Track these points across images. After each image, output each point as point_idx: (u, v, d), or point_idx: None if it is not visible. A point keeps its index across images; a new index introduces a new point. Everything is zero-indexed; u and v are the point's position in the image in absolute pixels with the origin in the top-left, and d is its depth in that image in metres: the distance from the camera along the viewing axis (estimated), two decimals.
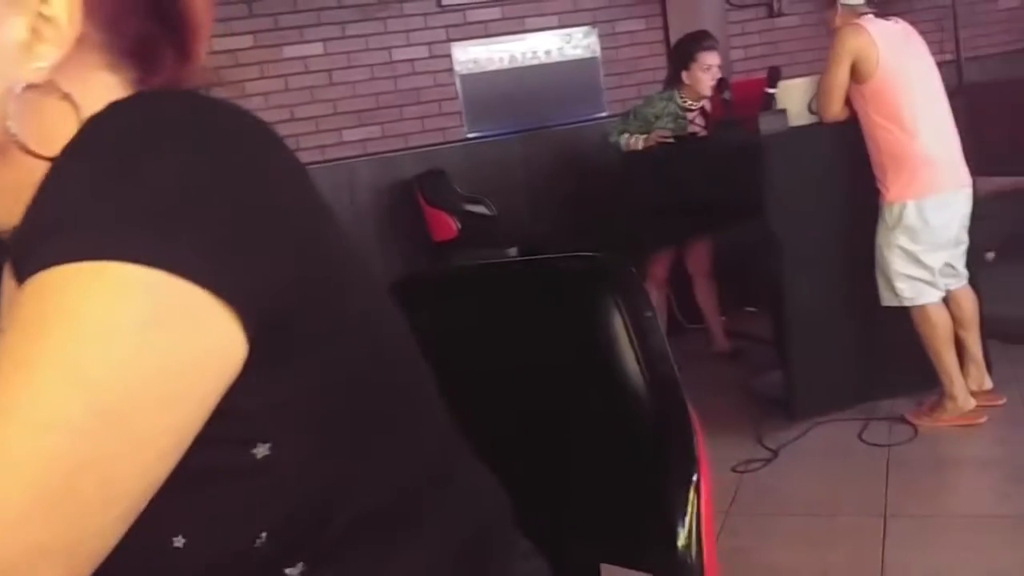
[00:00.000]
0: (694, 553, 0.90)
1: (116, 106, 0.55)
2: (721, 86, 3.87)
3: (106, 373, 0.49)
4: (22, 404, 0.48)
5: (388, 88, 4.96)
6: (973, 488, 2.96)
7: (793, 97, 3.41)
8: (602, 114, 5.16)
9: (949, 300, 3.22)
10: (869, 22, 3.16)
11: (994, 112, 4.50)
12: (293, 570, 0.61)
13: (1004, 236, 4.27)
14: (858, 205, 3.24)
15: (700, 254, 4.31)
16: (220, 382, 0.54)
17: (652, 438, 0.96)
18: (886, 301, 3.22)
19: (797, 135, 3.34)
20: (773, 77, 3.52)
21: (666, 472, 0.93)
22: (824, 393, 3.34)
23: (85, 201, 0.51)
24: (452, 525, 0.70)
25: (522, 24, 5.15)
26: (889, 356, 3.36)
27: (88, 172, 0.52)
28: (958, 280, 3.25)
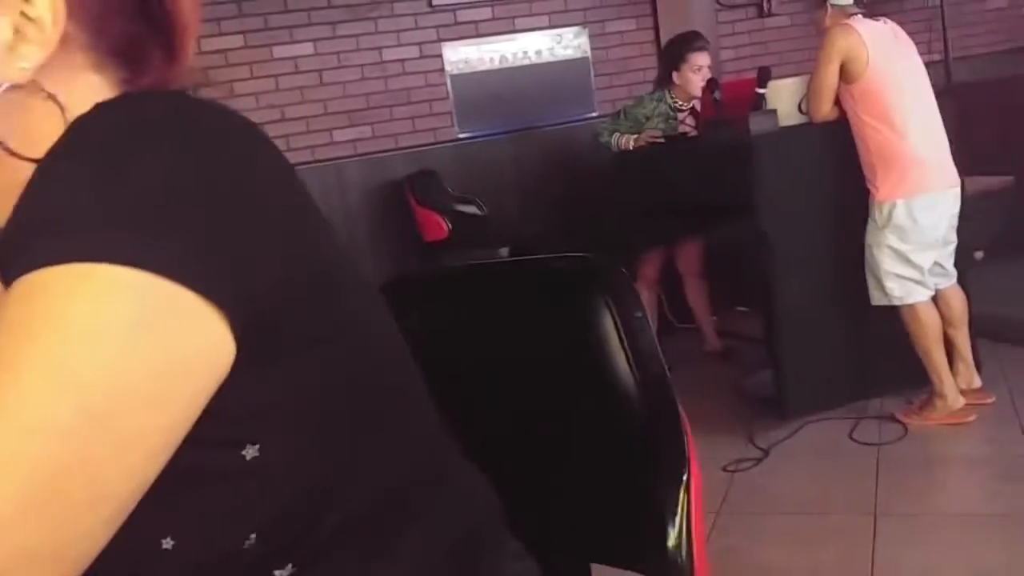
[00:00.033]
0: (684, 553, 0.90)
1: (102, 107, 0.55)
2: (711, 86, 3.87)
3: (93, 375, 0.49)
4: (8, 406, 0.47)
5: (379, 88, 4.95)
6: (962, 486, 2.97)
7: (783, 97, 3.42)
8: (593, 114, 5.16)
9: (938, 299, 3.24)
10: (858, 22, 3.17)
11: (982, 112, 4.51)
12: (282, 571, 0.61)
13: (992, 235, 4.29)
14: (848, 205, 3.25)
15: (691, 254, 4.31)
16: (208, 383, 0.53)
17: (642, 438, 0.96)
18: (876, 300, 3.23)
19: (787, 135, 3.34)
20: (763, 77, 3.53)
21: (656, 472, 0.93)
22: (815, 392, 3.35)
23: (71, 203, 0.51)
24: (442, 525, 0.70)
25: (512, 24, 5.15)
26: (879, 355, 3.37)
27: (74, 174, 0.52)
28: (947, 279, 3.26)
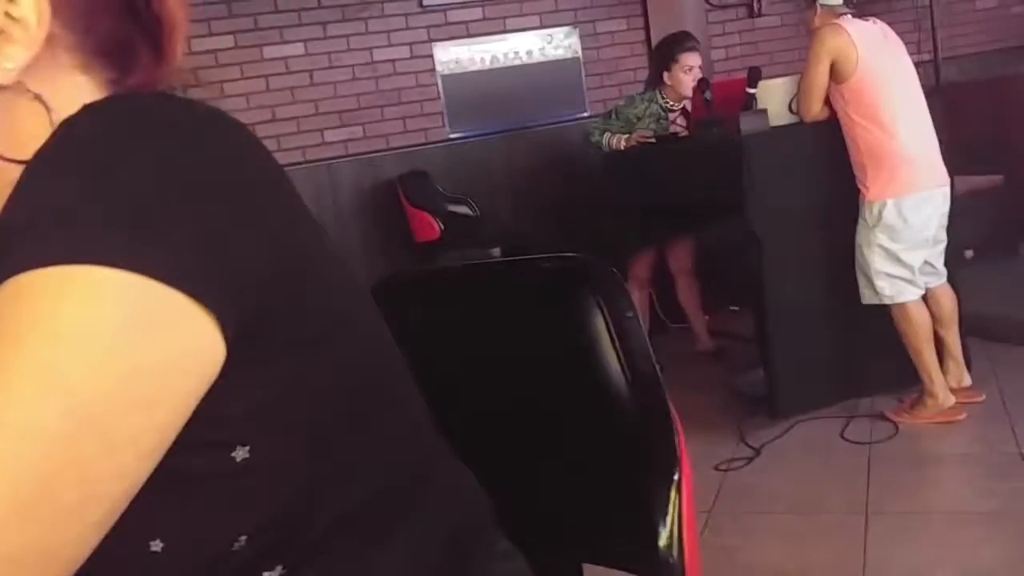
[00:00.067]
0: (676, 552, 0.90)
1: (90, 108, 0.55)
2: (702, 86, 3.88)
3: (81, 377, 0.48)
4: None
5: (370, 88, 4.95)
6: (953, 484, 2.98)
7: (773, 97, 3.43)
8: (584, 114, 5.17)
9: (928, 298, 3.25)
10: (848, 22, 3.18)
11: (972, 111, 4.54)
12: (272, 573, 0.60)
13: (982, 234, 4.31)
14: (838, 204, 3.26)
15: (682, 253, 4.32)
16: (198, 385, 0.53)
17: (634, 437, 0.96)
18: (866, 299, 3.24)
19: (777, 135, 3.35)
20: (753, 77, 3.54)
21: (648, 471, 0.93)
22: (806, 391, 3.36)
23: (60, 205, 0.51)
24: (432, 526, 0.70)
25: (503, 24, 5.15)
26: (870, 354, 3.38)
27: (62, 176, 0.52)
28: (937, 278, 3.28)
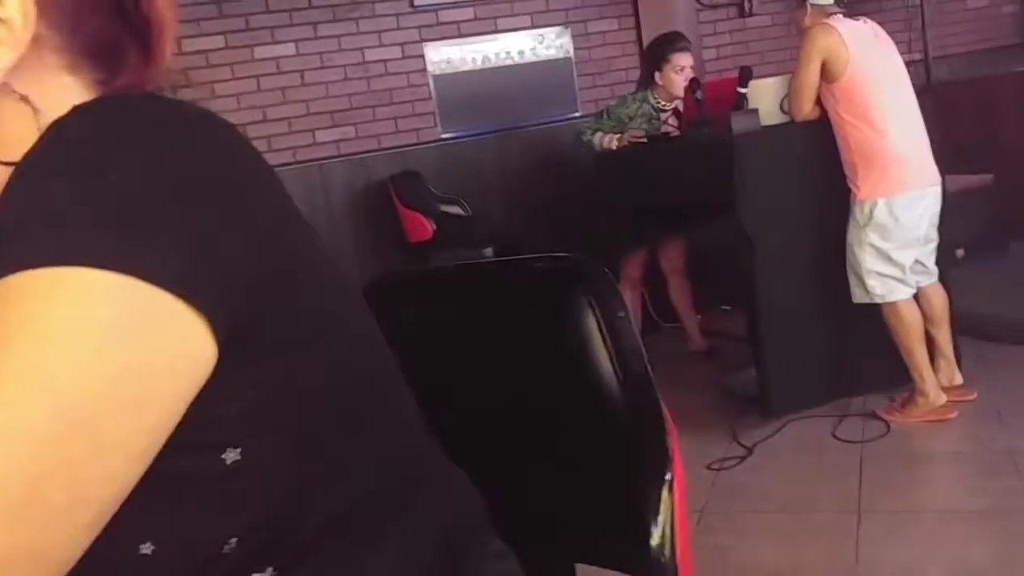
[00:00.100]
0: (668, 551, 0.90)
1: (79, 109, 0.54)
2: (693, 86, 3.88)
3: (71, 379, 0.48)
4: None
5: (361, 89, 4.94)
6: (945, 483, 2.99)
7: (764, 96, 3.43)
8: (576, 114, 5.17)
9: (920, 297, 3.26)
10: (838, 22, 3.18)
11: (963, 111, 4.56)
12: (262, 575, 0.60)
13: (973, 233, 4.33)
14: (829, 203, 3.26)
15: (674, 253, 4.33)
16: (189, 387, 0.53)
17: (626, 437, 0.96)
18: (858, 298, 3.25)
19: (768, 134, 3.36)
20: (744, 77, 3.54)
21: (640, 471, 0.93)
22: (798, 390, 3.37)
23: (49, 206, 0.51)
24: (424, 526, 0.70)
25: (495, 24, 5.15)
26: (861, 353, 3.39)
27: (52, 177, 0.52)
28: (928, 277, 3.29)
